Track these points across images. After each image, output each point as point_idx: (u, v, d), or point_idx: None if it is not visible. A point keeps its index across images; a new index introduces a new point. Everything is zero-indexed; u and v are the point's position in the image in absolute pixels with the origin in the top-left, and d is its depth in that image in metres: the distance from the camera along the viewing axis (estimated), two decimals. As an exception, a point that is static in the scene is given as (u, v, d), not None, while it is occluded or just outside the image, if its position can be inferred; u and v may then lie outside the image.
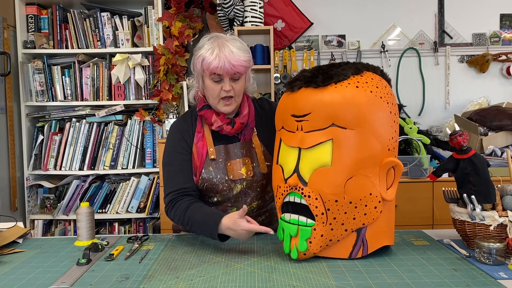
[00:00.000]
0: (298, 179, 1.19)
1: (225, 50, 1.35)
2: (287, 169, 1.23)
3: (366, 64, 1.28)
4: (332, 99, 1.16)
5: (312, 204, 1.17)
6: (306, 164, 1.18)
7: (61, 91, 2.89)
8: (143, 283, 1.09)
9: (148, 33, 2.86)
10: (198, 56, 1.40)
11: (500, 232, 1.22)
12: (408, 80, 3.11)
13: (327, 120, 1.16)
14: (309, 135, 1.19)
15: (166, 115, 2.75)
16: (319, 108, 1.17)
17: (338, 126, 1.16)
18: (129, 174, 2.90)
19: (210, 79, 1.39)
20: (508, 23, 3.08)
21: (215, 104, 1.43)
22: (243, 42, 1.44)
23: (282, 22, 3.10)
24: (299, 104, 1.21)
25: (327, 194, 1.16)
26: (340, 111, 1.15)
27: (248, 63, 1.39)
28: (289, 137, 1.24)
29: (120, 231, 2.84)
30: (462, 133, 1.25)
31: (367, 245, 1.22)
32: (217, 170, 1.44)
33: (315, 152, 1.17)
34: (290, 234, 1.21)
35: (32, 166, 2.85)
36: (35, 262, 1.27)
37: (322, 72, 1.20)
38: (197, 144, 1.45)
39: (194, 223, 1.35)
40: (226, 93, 1.38)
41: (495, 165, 2.40)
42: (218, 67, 1.34)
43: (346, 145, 1.15)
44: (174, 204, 1.40)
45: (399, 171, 1.21)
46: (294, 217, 1.21)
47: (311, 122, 1.18)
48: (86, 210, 1.44)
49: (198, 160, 1.44)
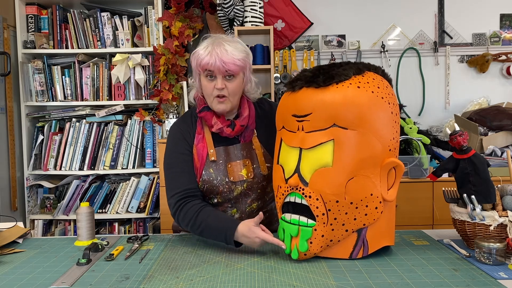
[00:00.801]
0: (299, 179, 1.19)
1: (219, 48, 1.35)
2: (288, 169, 1.22)
3: (368, 64, 1.27)
4: (333, 99, 1.16)
5: (313, 204, 1.17)
6: (307, 165, 1.18)
7: (61, 91, 2.89)
8: (143, 283, 1.09)
9: (148, 33, 2.86)
10: (193, 53, 1.41)
11: (500, 232, 1.22)
12: (408, 80, 3.11)
13: (328, 120, 1.16)
14: (310, 135, 1.18)
15: (166, 115, 2.75)
16: (320, 108, 1.16)
17: (339, 126, 1.16)
18: (129, 174, 2.90)
19: (204, 76, 1.39)
20: (508, 23, 3.08)
21: (210, 102, 1.42)
22: (244, 44, 1.43)
23: (282, 22, 3.10)
24: (300, 104, 1.20)
25: (328, 194, 1.16)
26: (342, 112, 1.15)
27: (242, 63, 1.37)
28: (290, 137, 1.24)
29: (120, 231, 2.84)
30: (462, 133, 1.25)
31: (368, 246, 1.22)
32: (218, 171, 1.43)
33: (316, 153, 1.17)
34: (290, 234, 1.21)
35: (32, 166, 2.85)
36: (35, 262, 1.27)
37: (323, 72, 1.20)
38: (197, 146, 1.45)
39: (206, 228, 1.34)
40: (219, 91, 1.37)
41: (495, 165, 2.40)
42: (209, 63, 1.34)
43: (347, 146, 1.15)
44: (183, 207, 1.38)
45: (400, 172, 1.21)
46: (295, 217, 1.21)
47: (312, 122, 1.18)
48: (86, 210, 1.44)
49: (199, 161, 1.43)
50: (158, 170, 2.79)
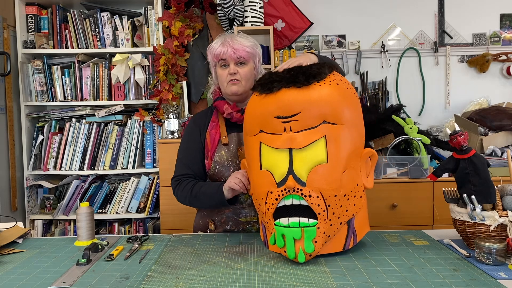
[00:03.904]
0: (295, 181, 1.15)
1: (230, 39, 1.55)
2: (278, 172, 1.18)
3: (329, 63, 1.35)
4: (321, 97, 1.18)
5: (314, 203, 1.15)
6: (301, 164, 1.16)
7: (61, 91, 2.89)
8: (143, 283, 1.09)
9: (148, 33, 2.86)
10: (208, 47, 1.60)
11: (500, 232, 1.22)
12: (408, 80, 3.11)
13: (318, 118, 1.17)
14: (301, 134, 1.18)
15: (166, 115, 2.75)
16: (309, 107, 1.17)
17: (329, 122, 1.18)
18: (129, 174, 2.90)
19: (219, 66, 1.56)
20: (508, 23, 3.08)
21: (224, 88, 1.57)
22: (254, 39, 1.61)
23: (282, 22, 3.10)
24: (285, 105, 1.18)
25: (327, 190, 1.16)
26: (330, 108, 1.18)
27: (251, 49, 1.55)
28: (273, 139, 1.20)
29: (120, 231, 2.84)
30: (462, 133, 1.25)
31: (356, 235, 1.25)
32: (229, 154, 1.55)
33: (309, 151, 1.17)
34: (294, 238, 1.16)
35: (32, 166, 2.85)
36: (35, 262, 1.27)
37: (302, 72, 1.22)
38: (210, 131, 1.59)
39: (201, 193, 1.50)
40: (232, 76, 1.53)
41: (495, 165, 2.40)
42: (222, 52, 1.52)
43: (339, 141, 1.18)
44: (180, 183, 1.56)
45: (374, 160, 1.29)
46: (294, 220, 1.17)
47: (301, 122, 1.18)
48: (86, 210, 1.44)
49: (211, 144, 1.57)
50: (158, 170, 2.79)
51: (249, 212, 1.55)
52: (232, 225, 1.57)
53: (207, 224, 1.62)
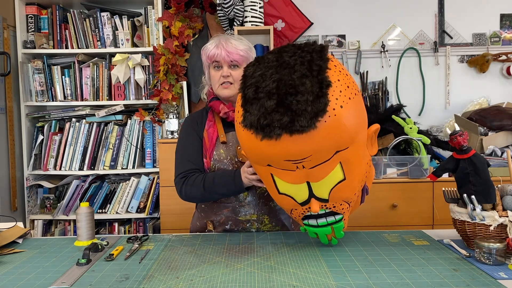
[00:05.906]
0: (318, 202, 1.20)
1: (224, 41, 1.53)
2: (299, 198, 1.21)
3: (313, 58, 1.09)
4: (329, 135, 1.06)
5: (338, 208, 1.23)
6: (321, 189, 1.18)
7: (61, 91, 2.89)
8: (143, 283, 1.08)
9: (148, 33, 2.86)
10: (203, 48, 1.58)
11: (500, 232, 1.22)
12: (408, 80, 3.11)
13: (330, 151, 1.11)
14: (316, 169, 1.13)
15: (166, 115, 2.75)
16: (321, 149, 1.08)
17: (341, 150, 1.11)
18: (129, 174, 2.90)
19: (213, 68, 1.55)
20: (508, 23, 3.08)
21: (216, 89, 1.56)
22: (248, 42, 1.59)
23: (282, 22, 3.10)
24: (292, 154, 1.08)
25: (349, 197, 1.22)
26: (340, 139, 1.09)
27: (245, 53, 1.53)
28: (287, 175, 1.16)
29: (120, 231, 2.84)
30: (462, 133, 1.25)
31: (367, 187, 1.34)
32: (228, 152, 1.54)
33: (327, 178, 1.15)
34: (325, 234, 1.28)
35: (32, 166, 2.85)
36: (35, 262, 1.27)
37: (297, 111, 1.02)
38: (208, 130, 1.58)
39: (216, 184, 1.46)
40: (225, 79, 1.52)
41: (495, 165, 2.40)
42: (216, 54, 1.51)
43: (353, 158, 1.16)
44: (188, 179, 1.52)
45: (376, 131, 1.26)
46: (322, 220, 1.25)
47: (314, 160, 1.10)
48: (86, 210, 1.44)
49: (209, 143, 1.56)
50: (158, 170, 2.79)
51: (249, 210, 1.55)
52: (232, 225, 1.57)
53: (204, 225, 1.61)
